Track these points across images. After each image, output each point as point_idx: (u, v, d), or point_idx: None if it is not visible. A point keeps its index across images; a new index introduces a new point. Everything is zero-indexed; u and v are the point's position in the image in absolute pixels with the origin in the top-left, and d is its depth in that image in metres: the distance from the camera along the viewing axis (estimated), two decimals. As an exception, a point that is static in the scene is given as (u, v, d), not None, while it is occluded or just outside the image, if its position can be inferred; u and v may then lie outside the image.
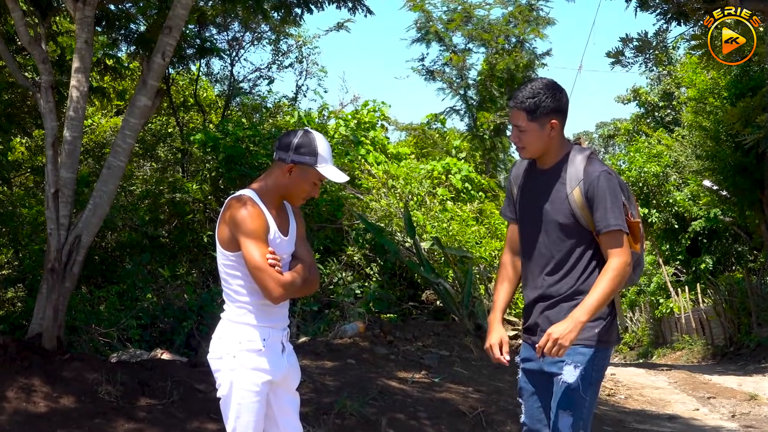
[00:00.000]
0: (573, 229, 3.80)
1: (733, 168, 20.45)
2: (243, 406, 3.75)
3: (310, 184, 3.83)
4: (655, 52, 16.58)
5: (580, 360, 3.75)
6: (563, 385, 3.77)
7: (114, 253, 14.77)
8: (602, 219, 3.69)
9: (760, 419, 9.71)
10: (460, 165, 19.97)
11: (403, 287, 15.06)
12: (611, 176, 3.75)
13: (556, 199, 3.82)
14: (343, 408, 7.28)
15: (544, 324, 3.84)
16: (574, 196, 3.76)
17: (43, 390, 6.78)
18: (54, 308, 7.57)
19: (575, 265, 3.81)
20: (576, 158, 3.82)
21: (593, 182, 3.71)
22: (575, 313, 3.63)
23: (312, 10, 11.54)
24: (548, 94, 3.75)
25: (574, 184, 3.76)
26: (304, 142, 3.78)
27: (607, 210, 3.68)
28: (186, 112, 21.67)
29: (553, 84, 3.81)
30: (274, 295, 3.64)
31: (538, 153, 3.89)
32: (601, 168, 3.77)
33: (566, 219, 3.79)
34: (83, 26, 8.16)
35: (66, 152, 7.96)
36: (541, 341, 3.65)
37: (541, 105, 3.73)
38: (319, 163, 3.77)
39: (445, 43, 29.00)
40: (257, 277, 3.63)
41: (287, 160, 3.78)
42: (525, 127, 3.78)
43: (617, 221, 3.68)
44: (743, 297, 23.73)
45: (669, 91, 33.69)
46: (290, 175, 3.79)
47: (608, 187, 3.70)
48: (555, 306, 3.83)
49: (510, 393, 9.10)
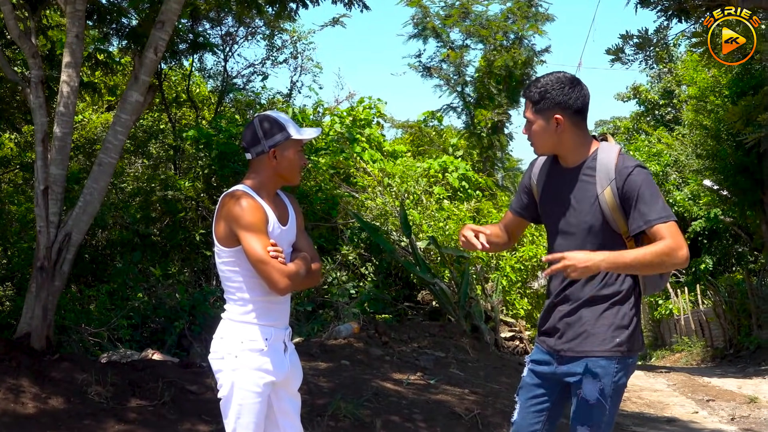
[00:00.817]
0: (601, 232, 3.58)
1: (734, 167, 20.42)
2: (244, 407, 3.69)
3: (296, 155, 3.82)
4: (655, 50, 16.46)
5: (600, 373, 3.57)
6: (582, 401, 3.61)
7: (104, 252, 14.67)
8: (647, 213, 3.45)
9: (760, 422, 9.66)
10: (457, 163, 19.90)
11: (398, 287, 15.02)
12: (646, 170, 3.55)
13: (584, 199, 3.61)
14: (337, 410, 7.23)
15: (563, 329, 3.69)
16: (605, 196, 3.54)
17: (32, 390, 6.73)
18: (43, 307, 7.52)
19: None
20: (606, 156, 3.60)
21: (629, 178, 3.49)
22: (596, 255, 3.41)
23: (307, 5, 11.43)
24: (557, 87, 3.56)
25: (605, 184, 3.55)
26: (266, 126, 3.78)
27: (653, 202, 3.46)
28: (178, 108, 21.60)
29: (569, 79, 3.61)
30: (280, 287, 3.59)
31: (547, 149, 3.72)
32: (633, 162, 3.55)
33: (595, 221, 3.59)
34: (74, 20, 8.08)
35: (56, 148, 7.89)
36: (555, 259, 3.45)
37: (545, 97, 3.57)
38: (291, 132, 3.77)
39: (443, 39, 28.86)
40: (261, 270, 3.58)
41: (266, 150, 3.76)
42: (531, 119, 3.64)
43: (665, 212, 3.45)
44: (743, 298, 23.71)
45: (669, 89, 33.73)
46: (276, 160, 3.77)
47: (647, 179, 3.49)
48: (575, 312, 3.66)
49: (506, 395, 9.05)
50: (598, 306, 3.59)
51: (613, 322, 3.56)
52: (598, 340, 3.57)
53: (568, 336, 3.65)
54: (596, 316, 3.59)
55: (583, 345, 3.60)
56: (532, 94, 3.61)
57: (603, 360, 3.55)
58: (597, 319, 3.59)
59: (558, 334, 3.71)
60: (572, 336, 3.64)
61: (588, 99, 3.63)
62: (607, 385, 3.56)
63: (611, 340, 3.55)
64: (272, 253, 3.57)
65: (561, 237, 3.73)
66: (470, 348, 11.82)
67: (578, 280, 3.60)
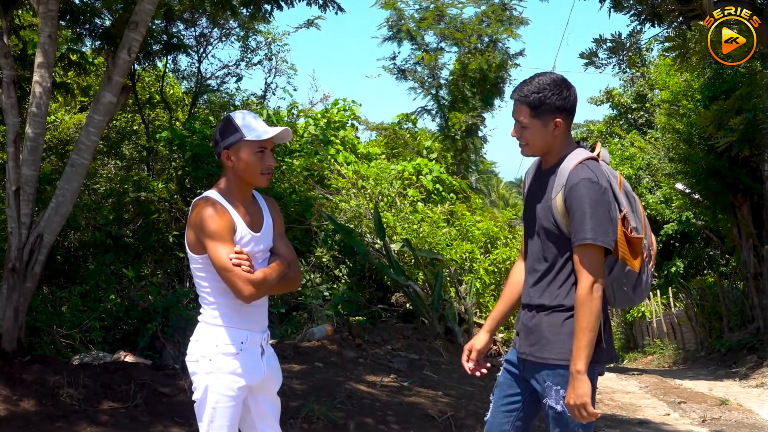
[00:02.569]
0: (556, 237, 3.58)
1: (706, 171, 20.52)
2: (217, 410, 3.69)
3: (255, 157, 3.73)
4: (628, 54, 16.55)
5: (560, 381, 3.54)
6: (550, 410, 3.59)
7: (77, 253, 14.56)
8: (575, 230, 3.46)
9: (731, 424, 9.72)
10: (431, 166, 19.95)
11: (372, 289, 15.02)
12: (595, 185, 3.47)
13: (544, 201, 3.62)
14: (310, 412, 7.22)
15: (525, 332, 3.70)
16: (557, 202, 3.55)
17: (3, 393, 6.68)
18: (14, 309, 7.46)
19: (557, 276, 3.60)
20: (568, 162, 3.58)
21: (572, 189, 3.47)
22: (572, 367, 3.42)
23: (282, 7, 11.44)
24: (555, 90, 3.55)
25: (557, 189, 3.55)
26: (223, 128, 3.77)
27: (582, 221, 3.44)
28: (152, 110, 21.46)
29: (562, 80, 3.61)
30: (244, 294, 3.58)
31: (540, 151, 3.70)
32: (585, 174, 3.49)
33: (550, 225, 3.59)
34: (47, 20, 8.01)
35: (28, 149, 7.82)
36: (570, 414, 3.49)
37: (545, 102, 3.54)
38: (245, 134, 3.71)
39: (417, 42, 28.96)
40: (225, 277, 3.58)
41: (221, 150, 3.75)
42: (527, 123, 3.60)
43: (591, 234, 3.42)
44: (715, 301, 23.88)
45: (642, 93, 33.88)
46: (232, 161, 3.74)
47: (587, 195, 3.44)
48: (534, 317, 3.66)
49: (480, 397, 9.07)
50: (560, 314, 3.57)
51: (572, 330, 3.50)
52: (557, 348, 3.56)
53: (530, 340, 3.65)
54: (557, 324, 3.58)
55: (542, 352, 3.60)
56: (531, 100, 3.56)
57: (562, 369, 3.52)
58: (558, 327, 3.58)
59: (522, 338, 3.72)
60: (533, 341, 3.64)
61: (577, 99, 3.65)
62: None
63: (569, 349, 3.48)
64: (235, 260, 3.56)
65: (529, 238, 3.76)
66: (444, 350, 11.84)
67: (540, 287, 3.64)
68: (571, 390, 3.42)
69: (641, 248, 3.59)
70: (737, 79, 19.02)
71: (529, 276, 3.72)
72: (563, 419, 3.56)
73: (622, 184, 3.65)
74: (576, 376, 3.41)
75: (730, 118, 16.87)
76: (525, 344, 3.68)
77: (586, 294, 3.41)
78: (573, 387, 3.41)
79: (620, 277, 3.58)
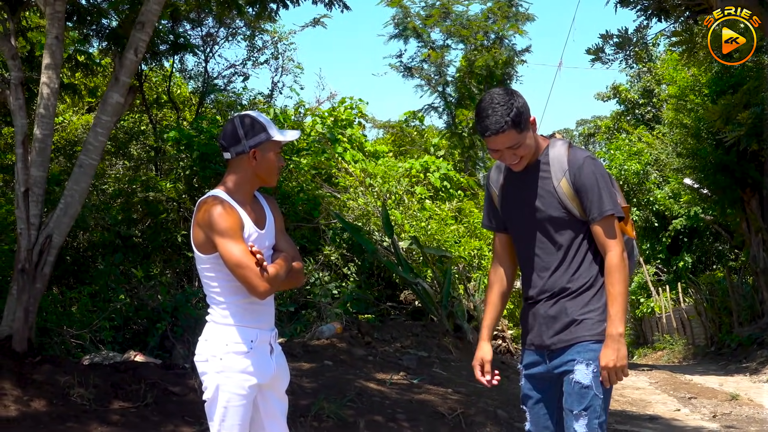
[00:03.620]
0: (567, 222, 3.68)
1: (714, 166, 20.49)
2: (228, 410, 3.68)
3: (275, 157, 3.78)
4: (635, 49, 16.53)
5: (591, 357, 3.61)
6: (575, 385, 3.63)
7: (86, 254, 14.58)
8: (595, 205, 3.59)
9: (741, 419, 9.69)
10: (438, 163, 19.92)
11: (381, 287, 15.00)
12: (596, 161, 3.68)
13: (545, 193, 3.70)
14: (320, 410, 7.23)
15: (548, 323, 3.74)
16: (562, 187, 3.65)
17: (14, 393, 6.70)
18: (25, 310, 7.49)
19: (574, 258, 3.70)
20: (556, 150, 3.71)
21: (579, 169, 3.61)
22: (611, 331, 3.55)
23: (288, 6, 11.43)
24: (513, 98, 3.58)
25: (560, 175, 3.65)
26: (249, 126, 3.72)
27: (599, 195, 3.58)
28: (159, 110, 21.47)
29: (505, 89, 3.66)
30: (259, 291, 3.57)
31: (534, 156, 3.73)
32: (584, 154, 3.68)
33: (558, 212, 3.67)
34: (54, 21, 8.04)
35: (36, 150, 7.85)
36: (603, 377, 3.58)
37: (520, 111, 3.56)
38: (271, 134, 3.73)
39: (423, 39, 28.89)
40: (239, 274, 3.56)
41: (246, 150, 3.71)
42: (519, 142, 3.60)
43: (611, 205, 3.58)
44: (724, 296, 23.82)
45: (649, 88, 33.82)
46: (256, 161, 3.73)
47: (596, 171, 3.61)
48: (555, 304, 3.72)
49: (489, 394, 9.05)
50: (582, 295, 3.67)
51: (599, 307, 3.64)
52: (587, 325, 3.64)
53: (555, 328, 3.70)
54: (582, 305, 3.66)
55: (572, 333, 3.66)
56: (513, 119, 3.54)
57: (593, 344, 3.62)
58: (583, 307, 3.66)
59: (544, 330, 3.74)
60: (560, 328, 3.69)
61: None
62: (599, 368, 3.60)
63: (599, 324, 3.62)
64: (258, 256, 3.56)
65: (529, 235, 3.79)
66: (453, 347, 11.83)
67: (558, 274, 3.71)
68: (613, 352, 3.53)
69: (629, 216, 3.76)
70: (745, 73, 18.97)
71: (541, 271, 3.77)
72: (589, 394, 3.61)
73: None
74: (618, 339, 3.53)
75: (738, 112, 16.82)
76: (548, 333, 3.73)
77: (619, 261, 3.57)
78: (615, 349, 3.53)
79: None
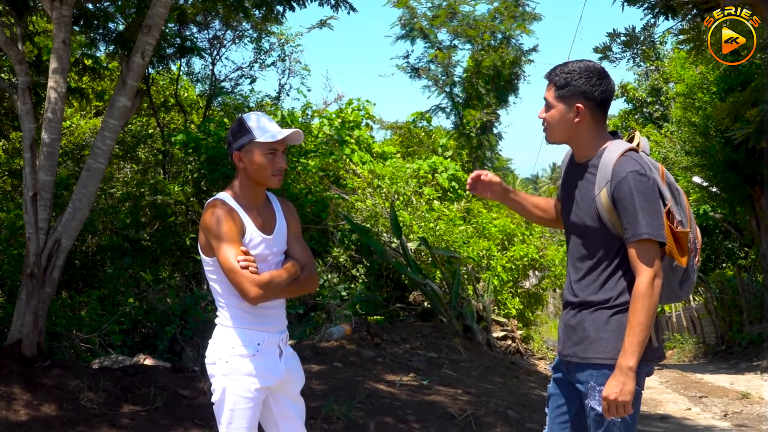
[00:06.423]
0: (601, 235, 3.46)
1: (723, 164, 20.43)
2: (235, 412, 3.71)
3: (266, 159, 3.75)
4: (642, 47, 16.45)
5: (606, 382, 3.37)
6: (591, 411, 3.45)
7: (95, 257, 14.62)
8: (630, 226, 3.32)
9: (753, 418, 9.67)
10: (446, 164, 19.87)
11: (389, 288, 14.99)
12: (641, 177, 3.33)
13: (586, 199, 3.49)
14: (330, 412, 7.21)
15: (567, 333, 3.59)
16: (602, 198, 3.40)
17: (24, 398, 6.68)
18: (34, 314, 7.47)
19: (602, 272, 3.47)
20: (608, 155, 3.44)
21: (620, 183, 3.33)
22: (621, 362, 3.29)
23: (294, 8, 11.41)
24: (584, 75, 3.43)
25: (602, 184, 3.40)
26: (235, 128, 3.81)
27: (634, 216, 3.31)
28: (167, 113, 21.48)
29: (595, 69, 3.47)
30: (250, 296, 3.58)
31: (563, 139, 3.57)
32: (632, 167, 3.35)
33: (593, 222, 3.46)
34: (60, 26, 8.04)
35: (44, 155, 7.85)
36: (603, 408, 3.35)
37: (571, 83, 3.43)
38: (256, 135, 3.73)
39: (430, 39, 28.91)
40: (231, 279, 3.60)
41: (233, 152, 3.77)
42: (552, 103, 3.50)
43: (647, 229, 3.29)
44: (734, 295, 23.74)
45: (657, 86, 33.71)
46: (243, 163, 3.77)
47: (637, 189, 3.31)
48: (576, 315, 3.54)
49: (499, 395, 9.04)
50: (605, 311, 3.45)
51: (618, 328, 3.40)
52: (601, 347, 3.43)
53: (573, 340, 3.54)
54: (601, 322, 3.45)
55: (586, 351, 3.47)
56: (558, 78, 3.47)
57: (607, 369, 3.38)
58: (602, 324, 3.45)
59: (565, 338, 3.60)
60: (577, 341, 3.52)
61: (613, 94, 3.52)
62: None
63: (615, 350, 3.38)
64: (242, 263, 3.57)
65: (569, 234, 3.65)
66: (462, 348, 11.80)
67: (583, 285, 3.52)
68: (617, 385, 3.28)
69: (687, 243, 3.46)
70: (753, 70, 18.89)
71: (572, 273, 3.59)
72: (604, 422, 3.42)
73: (665, 176, 3.51)
74: (626, 372, 3.28)
75: (746, 109, 16.74)
76: (568, 344, 3.57)
77: (647, 289, 3.29)
78: (621, 382, 3.28)
79: (668, 272, 3.43)
